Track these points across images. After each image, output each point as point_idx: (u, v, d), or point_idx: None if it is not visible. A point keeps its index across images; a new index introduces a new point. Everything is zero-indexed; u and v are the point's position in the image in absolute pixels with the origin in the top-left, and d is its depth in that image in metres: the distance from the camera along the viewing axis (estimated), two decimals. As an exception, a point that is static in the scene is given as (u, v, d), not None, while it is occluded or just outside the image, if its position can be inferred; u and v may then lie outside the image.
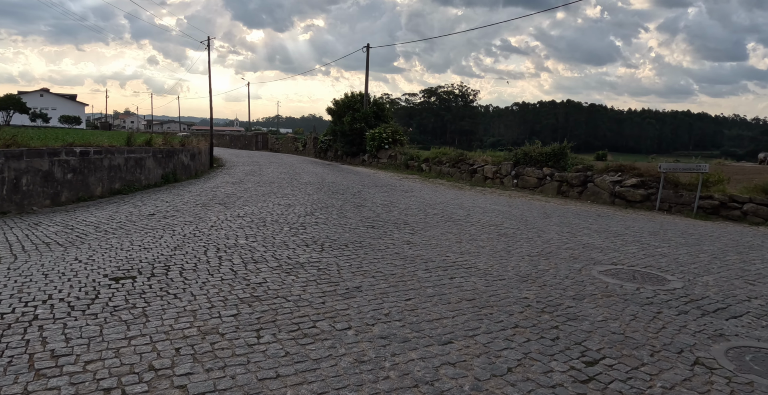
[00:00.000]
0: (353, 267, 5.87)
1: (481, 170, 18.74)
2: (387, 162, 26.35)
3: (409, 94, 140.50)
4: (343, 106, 31.02)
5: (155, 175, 15.64)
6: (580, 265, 6.35)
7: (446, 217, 9.91)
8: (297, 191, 14.00)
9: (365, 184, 16.69)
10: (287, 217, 9.33)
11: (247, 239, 7.29)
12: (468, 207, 11.51)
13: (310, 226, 8.45)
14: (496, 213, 10.82)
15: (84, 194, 12.01)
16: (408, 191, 14.97)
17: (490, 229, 8.72)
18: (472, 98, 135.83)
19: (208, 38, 24.81)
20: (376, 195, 13.62)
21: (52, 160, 11.15)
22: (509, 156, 18.10)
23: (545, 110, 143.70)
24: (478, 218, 9.95)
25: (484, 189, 16.65)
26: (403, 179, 19.63)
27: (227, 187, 14.81)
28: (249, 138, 48.89)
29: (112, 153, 13.31)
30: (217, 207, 10.47)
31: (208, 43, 24.81)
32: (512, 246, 7.40)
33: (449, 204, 11.97)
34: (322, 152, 35.66)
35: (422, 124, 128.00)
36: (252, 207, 10.68)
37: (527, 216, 10.57)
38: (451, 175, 20.37)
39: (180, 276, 5.33)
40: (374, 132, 27.20)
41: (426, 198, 13.12)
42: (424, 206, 11.52)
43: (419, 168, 22.89)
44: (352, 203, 11.68)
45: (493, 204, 12.48)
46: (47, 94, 73.55)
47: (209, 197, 12.28)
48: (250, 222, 8.76)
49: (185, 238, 7.25)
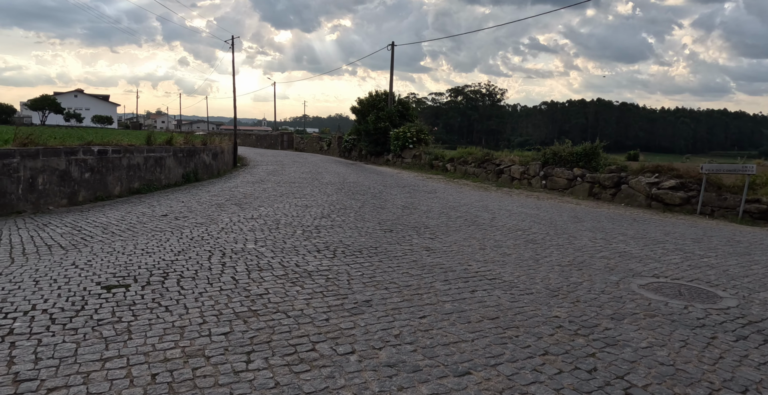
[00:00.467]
0: (365, 277, 5.35)
1: (508, 170, 18.01)
2: (411, 162, 25.78)
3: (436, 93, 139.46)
4: (367, 105, 30.56)
5: (176, 175, 15.45)
6: (617, 278, 5.69)
7: (470, 221, 9.31)
8: (316, 191, 13.58)
9: (387, 185, 16.18)
10: (302, 219, 8.89)
11: (256, 243, 6.86)
12: (493, 210, 10.87)
13: (324, 230, 7.98)
14: (524, 216, 10.16)
15: (102, 193, 11.82)
16: (431, 192, 14.39)
17: (517, 235, 8.09)
18: (500, 97, 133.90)
19: (232, 38, 24.67)
20: (397, 196, 13.09)
21: (69, 159, 10.97)
22: (537, 156, 17.34)
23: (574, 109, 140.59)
24: (503, 222, 9.32)
25: (510, 190, 15.94)
26: (426, 179, 19.04)
27: (247, 187, 14.49)
28: (275, 137, 48.90)
29: (131, 152, 13.12)
30: (231, 208, 10.10)
31: (232, 42, 24.68)
32: (541, 254, 6.77)
33: (473, 207, 11.36)
34: (347, 151, 35.29)
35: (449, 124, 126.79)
36: (268, 208, 10.28)
37: (557, 220, 9.88)
38: (477, 175, 19.69)
39: (177, 285, 4.91)
40: (398, 131, 26.66)
41: (449, 200, 12.53)
42: (447, 208, 10.93)
43: (444, 168, 22.25)
44: (371, 205, 11.18)
45: (520, 206, 11.81)
46: (81, 94, 75.33)
47: (226, 197, 11.95)
48: (263, 224, 8.34)
49: (192, 242, 6.86)
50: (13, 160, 9.67)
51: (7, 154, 9.59)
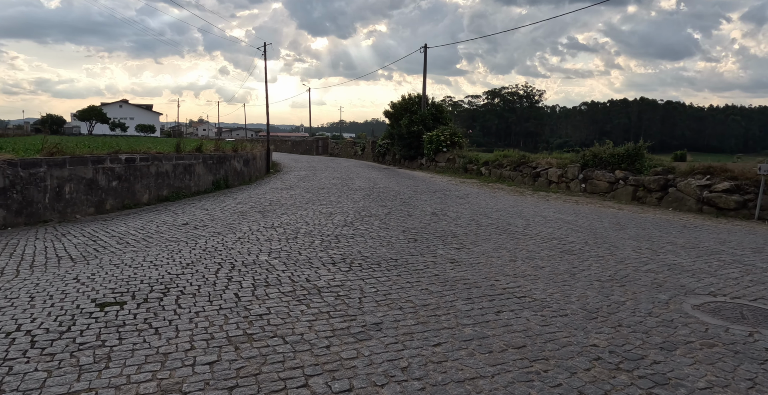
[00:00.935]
0: (379, 295, 4.85)
1: (545, 174, 17.16)
2: (445, 165, 25.15)
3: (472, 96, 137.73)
4: (400, 109, 30.11)
5: (205, 182, 15.36)
6: (666, 296, 4.98)
7: (501, 229, 8.67)
8: (344, 198, 13.18)
9: (418, 190, 15.64)
10: (323, 228, 8.46)
11: (269, 255, 6.46)
12: (527, 217, 10.18)
13: (344, 239, 7.52)
14: (560, 223, 9.43)
15: (129, 201, 11.76)
16: (463, 197, 13.76)
17: (552, 244, 7.41)
18: (538, 98, 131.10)
19: (264, 44, 24.72)
20: (427, 202, 12.53)
21: (96, 168, 10.93)
22: (576, 158, 16.43)
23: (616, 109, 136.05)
24: (538, 230, 8.63)
25: (547, 194, 15.12)
26: (459, 184, 18.39)
27: (275, 194, 14.24)
28: (310, 143, 49.06)
29: (160, 160, 13.06)
30: (254, 216, 9.79)
31: (264, 49, 24.72)
32: (578, 266, 6.10)
33: (506, 213, 10.68)
34: (380, 156, 34.93)
35: (485, 127, 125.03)
36: (291, 215, 9.92)
37: (597, 227, 9.12)
38: (512, 178, 18.89)
39: (174, 303, 4.53)
40: (432, 134, 26.07)
41: (481, 206, 11.88)
42: (478, 215, 10.31)
43: (478, 171, 21.53)
44: (398, 211, 10.67)
45: (556, 212, 11.05)
46: (126, 104, 78.12)
47: (252, 204, 11.69)
48: (282, 233, 7.96)
49: (204, 253, 6.52)
50: (39, 169, 9.66)
51: (33, 163, 9.58)
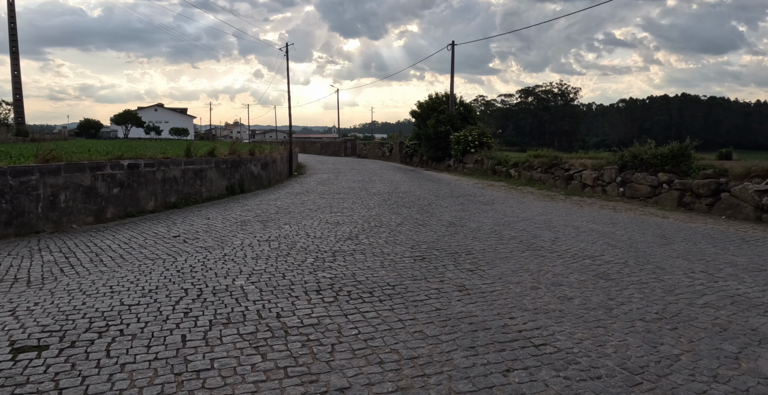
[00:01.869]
0: (359, 340, 3.83)
1: (579, 176, 15.76)
2: (473, 167, 23.89)
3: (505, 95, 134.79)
4: (427, 109, 28.98)
5: (218, 187, 14.67)
6: (734, 347, 3.78)
7: (525, 243, 7.51)
8: (358, 204, 12.21)
9: (440, 195, 14.52)
10: (323, 242, 7.50)
11: (248, 278, 5.53)
12: (557, 227, 8.95)
13: (341, 257, 6.54)
14: (595, 236, 8.19)
15: (133, 209, 11.10)
16: (488, 203, 12.58)
17: (584, 265, 6.23)
18: (573, 96, 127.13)
19: (287, 44, 24.06)
20: (447, 209, 11.43)
21: (95, 175, 10.30)
22: (614, 158, 14.99)
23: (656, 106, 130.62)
24: (568, 245, 7.43)
25: (581, 199, 13.76)
26: (486, 187, 17.16)
27: (287, 199, 13.41)
28: (338, 144, 48.40)
29: (167, 165, 12.40)
30: (254, 227, 8.93)
31: (286, 48, 24.06)
32: (615, 297, 4.92)
33: (533, 222, 9.48)
34: (408, 157, 33.87)
35: (519, 126, 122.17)
36: (294, 226, 9.01)
37: (638, 241, 7.83)
38: (543, 181, 17.53)
39: (104, 350, 3.64)
40: (459, 135, 24.85)
41: (506, 214, 10.70)
42: (501, 225, 9.15)
43: (507, 174, 20.22)
44: (413, 221, 9.62)
45: (591, 221, 9.77)
46: (161, 108, 79.65)
47: (257, 212, 10.85)
48: (275, 249, 7.03)
49: (176, 276, 5.65)
50: (31, 177, 9.06)
51: (24, 171, 8.98)
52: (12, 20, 32.49)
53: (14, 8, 32.65)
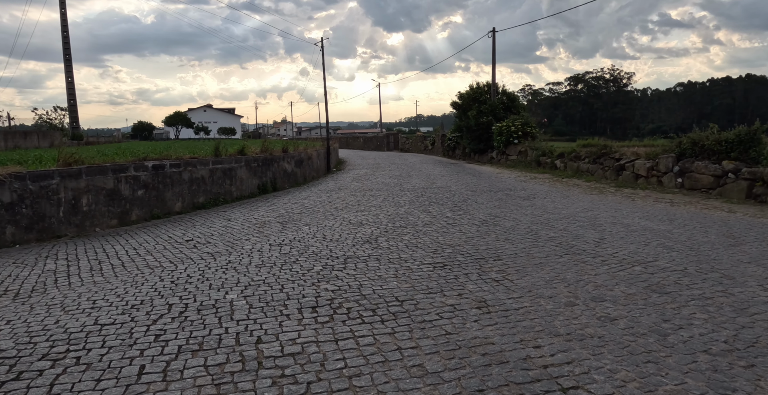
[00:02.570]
0: (342, 378, 3.12)
1: (631, 166, 14.38)
2: (516, 159, 22.66)
3: (553, 83, 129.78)
4: (468, 99, 27.83)
5: (249, 186, 14.32)
6: (838, 396, 2.81)
7: (564, 246, 6.56)
8: (388, 202, 11.49)
9: (478, 190, 13.59)
10: (337, 246, 6.84)
11: (243, 291, 4.94)
12: (603, 225, 7.91)
13: (353, 264, 5.85)
14: (648, 235, 7.12)
15: (159, 211, 10.85)
16: (528, 198, 11.56)
17: (633, 274, 5.26)
18: (626, 82, 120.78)
19: (321, 40, 23.56)
20: (482, 205, 10.52)
21: (118, 177, 10.07)
22: (671, 146, 13.56)
23: (717, 89, 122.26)
24: (615, 247, 6.43)
25: (633, 192, 12.47)
26: (528, 180, 16.03)
27: (316, 198, 12.87)
28: (381, 139, 47.80)
29: (194, 165, 12.11)
30: (271, 229, 8.40)
31: (321, 44, 23.56)
32: (672, 318, 3.98)
33: (576, 220, 8.46)
34: (450, 150, 32.80)
35: (569, 115, 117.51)
36: (313, 227, 8.41)
37: (700, 241, 6.72)
38: (591, 173, 16.20)
39: (47, 384, 3.10)
40: (501, 125, 23.63)
41: (547, 210, 9.69)
42: (539, 224, 8.20)
43: (552, 165, 18.94)
44: (443, 220, 8.81)
45: (643, 218, 8.64)
46: (209, 109, 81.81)
47: (281, 212, 10.35)
48: (285, 254, 6.43)
49: (167, 288, 5.14)
50: (51, 181, 8.88)
51: (44, 175, 8.81)
52: (65, 29, 33.77)
53: (66, 18, 33.91)
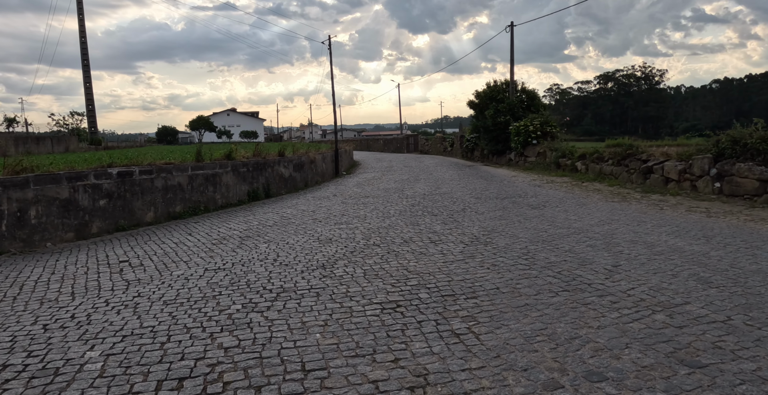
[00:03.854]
0: None
1: (660, 169, 12.56)
2: (535, 161, 20.89)
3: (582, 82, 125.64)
4: (485, 98, 26.12)
5: (237, 192, 13.13)
6: None
7: (565, 276, 5.02)
8: (378, 211, 10.09)
9: (483, 196, 12.03)
10: (283, 272, 5.47)
11: (114, 346, 3.62)
12: (621, 245, 6.30)
13: (282, 302, 4.46)
14: (677, 260, 5.50)
15: (125, 222, 9.72)
16: (537, 207, 9.96)
17: (653, 326, 3.69)
18: (658, 79, 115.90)
19: (329, 37, 22.33)
20: (481, 216, 9.00)
21: (75, 186, 8.97)
22: (706, 145, 11.72)
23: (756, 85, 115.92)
24: (632, 279, 4.85)
25: (662, 199, 10.70)
26: (544, 185, 14.35)
27: (303, 206, 11.58)
28: (400, 141, 46.36)
29: (169, 171, 10.96)
30: (227, 246, 7.10)
31: (329, 42, 22.31)
32: (710, 422, 2.45)
33: (588, 237, 6.86)
34: (469, 152, 31.12)
35: (598, 114, 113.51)
36: (273, 244, 7.09)
37: (746, 270, 5.07)
38: (615, 175, 14.41)
39: None
40: (518, 125, 21.89)
41: (556, 222, 8.10)
42: (540, 243, 6.64)
43: (573, 167, 17.15)
44: (427, 236, 7.35)
45: (672, 233, 6.97)
46: (233, 113, 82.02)
47: (252, 225, 9.07)
48: (212, 284, 5.11)
49: (29, 335, 3.86)
50: (-11, 191, 7.83)
51: (-20, 185, 7.77)
52: (82, 35, 33.62)
53: (84, 24, 33.75)
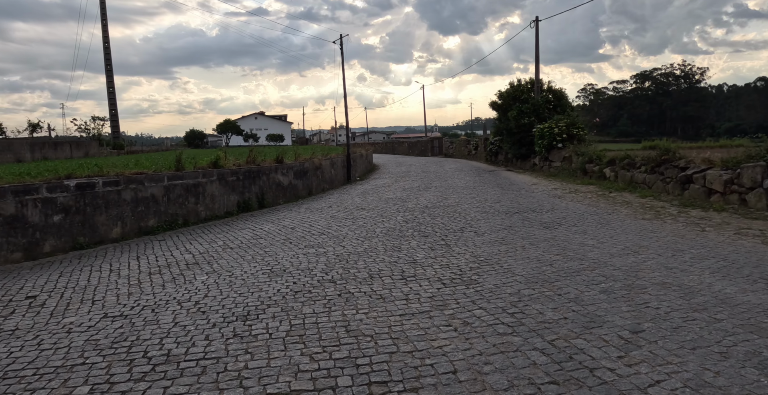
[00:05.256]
0: None
1: (701, 178, 10.66)
2: (560, 166, 19.01)
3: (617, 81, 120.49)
4: (508, 98, 24.32)
5: (225, 203, 11.94)
6: None
7: (559, 353, 3.46)
8: (362, 230, 8.67)
9: (491, 210, 10.43)
10: (183, 329, 4.12)
11: None
12: (647, 291, 4.66)
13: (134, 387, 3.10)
14: (726, 324, 3.85)
15: (85, 239, 8.62)
16: (551, 226, 8.32)
17: None
18: (699, 78, 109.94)
19: (341, 36, 21.06)
20: (480, 239, 7.45)
21: (23, 200, 7.91)
22: (758, 150, 9.80)
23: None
24: (658, 362, 3.25)
25: (704, 216, 8.86)
26: (565, 195, 12.59)
27: (286, 221, 10.27)
28: (425, 144, 44.74)
29: (140, 182, 9.84)
30: (159, 279, 5.83)
31: (341, 41, 21.03)
32: None
33: (604, 275, 5.24)
34: (493, 155, 29.27)
35: (634, 114, 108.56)
36: (215, 276, 5.76)
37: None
38: (648, 184, 12.52)
39: None
40: (542, 127, 20.04)
41: (568, 251, 6.48)
42: (540, 283, 5.06)
43: (600, 174, 15.27)
44: (401, 269, 5.88)
45: (718, 272, 5.27)
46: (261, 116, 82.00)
47: (213, 246, 7.80)
48: (87, 342, 3.81)
49: None
50: None
51: None
52: (105, 39, 33.52)
53: (107, 28, 33.65)
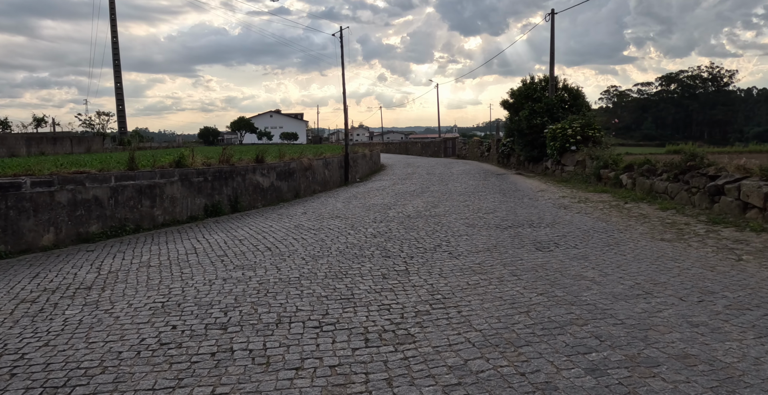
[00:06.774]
0: None
1: (735, 189, 8.85)
2: (573, 170, 17.18)
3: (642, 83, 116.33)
4: (520, 97, 22.52)
5: (189, 207, 10.58)
6: None
7: None
8: (316, 246, 7.18)
9: (480, 224, 8.81)
10: None
11: None
12: (660, 369, 3.05)
13: None
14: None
15: (6, 247, 7.35)
16: (545, 247, 6.68)
17: None
18: (727, 81, 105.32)
19: (341, 28, 19.59)
20: (448, 264, 5.88)
21: None
22: (805, 158, 7.96)
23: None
24: None
25: (739, 237, 7.10)
26: (573, 205, 10.88)
27: (246, 228, 8.86)
28: (437, 144, 43.04)
29: (79, 182, 8.53)
30: (25, 310, 4.44)
31: (340, 34, 19.57)
32: None
33: (598, 336, 3.63)
34: (504, 157, 27.45)
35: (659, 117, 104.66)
36: (87, 310, 4.36)
37: None
38: (670, 195, 10.72)
39: None
40: (555, 128, 18.22)
41: (556, 287, 4.86)
42: (502, 346, 3.48)
43: (616, 181, 13.46)
44: (322, 311, 4.36)
45: (759, 323, 3.60)
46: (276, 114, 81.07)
47: (126, 264, 6.40)
48: None
49: None
50: None
51: None
52: (114, 34, 32.81)
53: (116, 23, 32.93)
